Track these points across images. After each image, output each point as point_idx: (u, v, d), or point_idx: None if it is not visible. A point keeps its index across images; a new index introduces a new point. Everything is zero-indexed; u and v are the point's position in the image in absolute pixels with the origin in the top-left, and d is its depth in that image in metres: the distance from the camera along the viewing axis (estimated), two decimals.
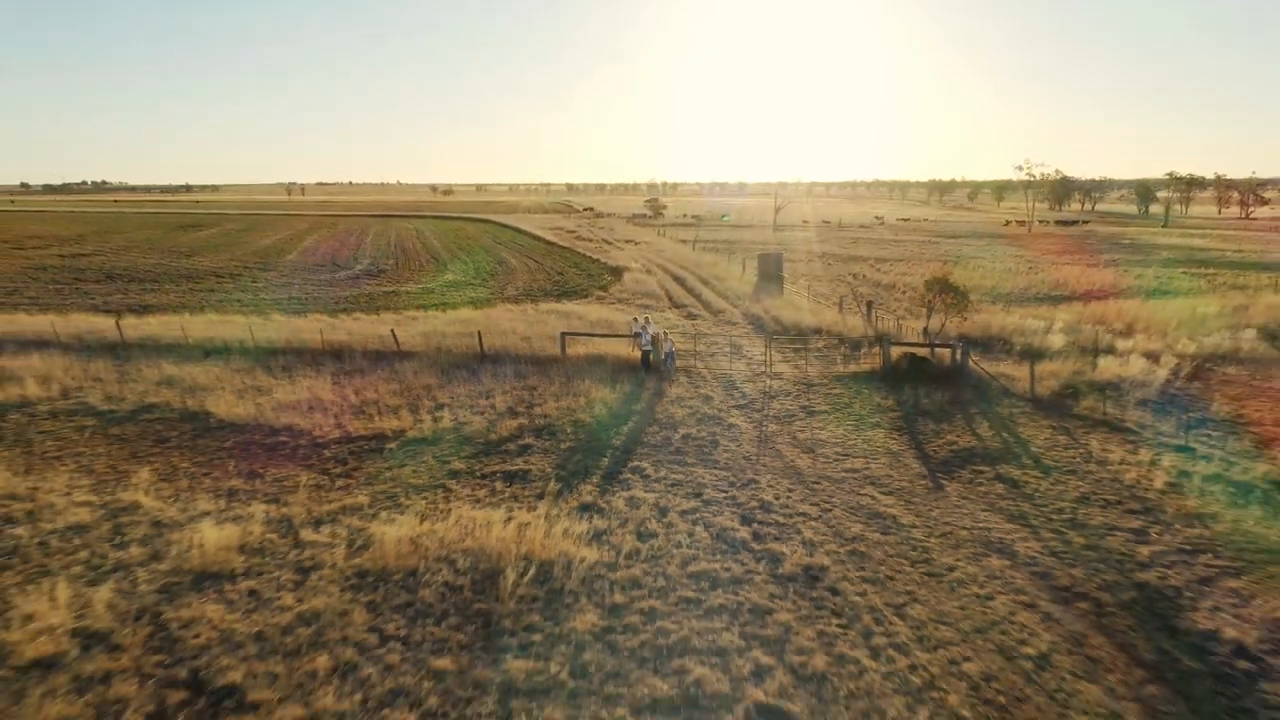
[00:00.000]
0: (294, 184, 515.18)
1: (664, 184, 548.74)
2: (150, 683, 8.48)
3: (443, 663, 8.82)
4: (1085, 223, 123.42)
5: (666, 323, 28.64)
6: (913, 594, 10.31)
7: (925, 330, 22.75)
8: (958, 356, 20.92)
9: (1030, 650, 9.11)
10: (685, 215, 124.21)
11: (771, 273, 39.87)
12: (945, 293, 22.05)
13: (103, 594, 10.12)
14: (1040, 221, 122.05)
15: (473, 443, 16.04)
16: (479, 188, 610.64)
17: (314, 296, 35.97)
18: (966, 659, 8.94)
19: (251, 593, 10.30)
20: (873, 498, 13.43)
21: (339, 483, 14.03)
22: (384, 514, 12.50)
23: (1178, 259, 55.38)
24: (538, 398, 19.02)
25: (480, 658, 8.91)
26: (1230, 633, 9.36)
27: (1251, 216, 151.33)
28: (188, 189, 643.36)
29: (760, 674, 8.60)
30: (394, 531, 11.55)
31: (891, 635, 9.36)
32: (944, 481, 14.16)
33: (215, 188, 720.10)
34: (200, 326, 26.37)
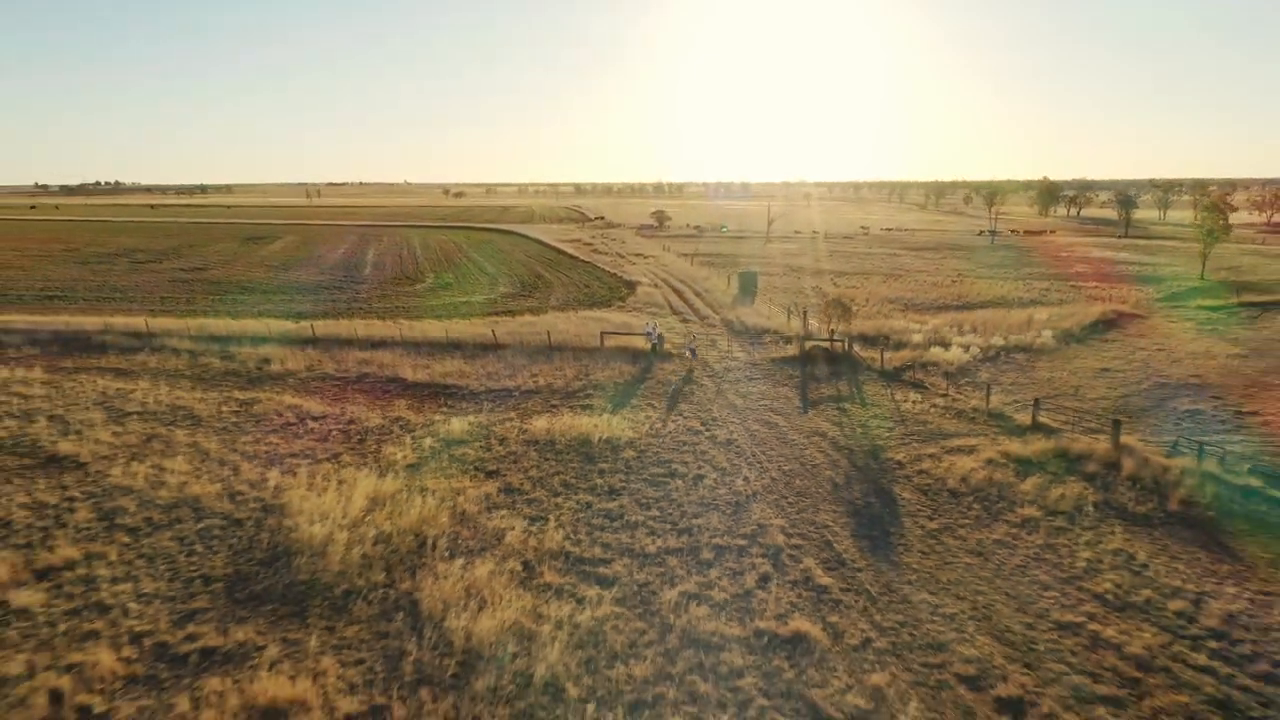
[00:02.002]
0: (312, 186, 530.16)
1: (670, 186, 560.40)
2: (474, 472, 21.66)
3: (572, 465, 22.01)
4: (1052, 232, 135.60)
5: (667, 326, 41.73)
6: (772, 447, 23.45)
7: (831, 330, 35.72)
8: (845, 347, 34.01)
9: (813, 462, 22.23)
10: (688, 225, 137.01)
11: (748, 288, 53.01)
12: (837, 307, 35.14)
13: (422, 444, 23.38)
14: (1012, 231, 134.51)
15: (560, 392, 29.25)
16: (488, 189, 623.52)
17: (414, 306, 49.27)
18: (787, 465, 22.06)
19: (482, 444, 23.51)
20: (769, 415, 26.54)
21: (498, 408, 27.23)
22: (528, 419, 25.69)
23: (1085, 272, 68.01)
24: (591, 370, 32.19)
25: (586, 462, 22.08)
26: (897, 457, 22.46)
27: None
28: (203, 189, 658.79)
29: (699, 465, 21.77)
30: (538, 424, 24.80)
31: (757, 456, 22.51)
32: (810, 410, 27.26)
33: (229, 188, 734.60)
34: (361, 328, 39.62)
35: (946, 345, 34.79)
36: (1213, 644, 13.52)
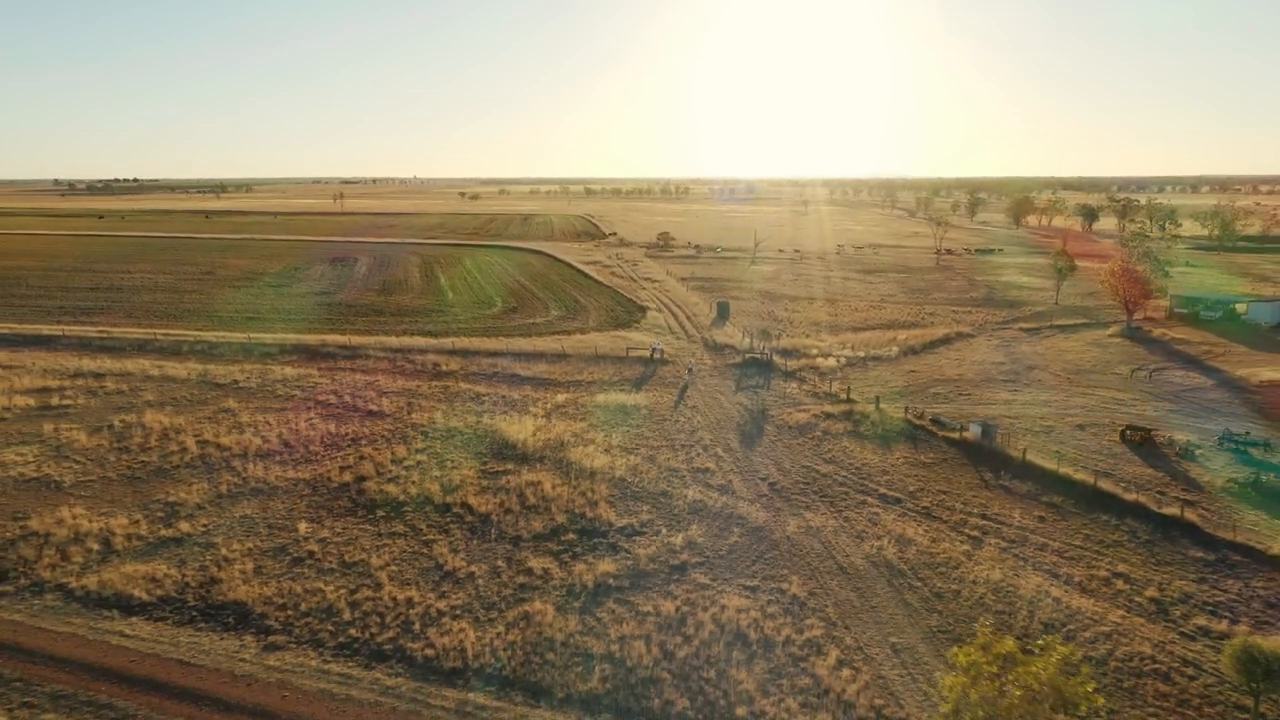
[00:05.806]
0: (333, 187, 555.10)
1: (676, 187, 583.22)
2: (575, 418, 46.77)
3: (618, 415, 47.11)
4: (1001, 250, 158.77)
5: (665, 341, 66.60)
6: (713, 409, 48.55)
7: (763, 345, 60.52)
8: (769, 357, 58.94)
9: (731, 414, 47.33)
10: (689, 244, 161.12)
11: (723, 313, 77.99)
12: (764, 334, 60.00)
13: (546, 407, 48.54)
14: (967, 250, 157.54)
15: (606, 382, 54.31)
16: (501, 190, 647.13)
17: (501, 327, 74.23)
18: (719, 415, 47.13)
19: (574, 407, 48.60)
20: (715, 394, 51.56)
21: (578, 391, 52.28)
22: (593, 395, 50.72)
23: (978, 297, 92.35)
24: (622, 370, 57.20)
25: (624, 415, 47.22)
26: (773, 412, 47.47)
27: (1174, 235, 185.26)
28: (222, 187, 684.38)
29: (677, 415, 46.93)
30: (599, 398, 50.03)
31: (705, 412, 47.66)
32: (738, 392, 52.26)
33: (249, 186, 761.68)
34: (478, 343, 64.69)
35: (828, 356, 59.64)
36: (853, 470, 38.49)
